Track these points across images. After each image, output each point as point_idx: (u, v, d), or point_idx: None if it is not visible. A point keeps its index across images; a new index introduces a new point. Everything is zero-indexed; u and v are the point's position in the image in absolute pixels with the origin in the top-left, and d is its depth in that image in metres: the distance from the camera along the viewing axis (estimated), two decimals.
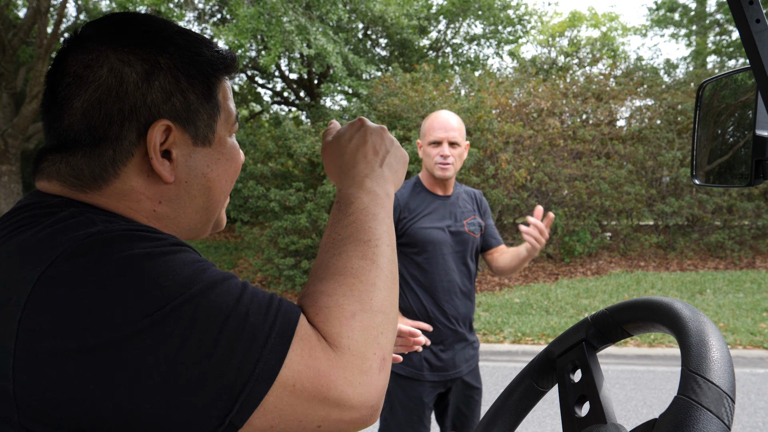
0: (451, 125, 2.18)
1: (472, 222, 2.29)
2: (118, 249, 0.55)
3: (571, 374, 0.77)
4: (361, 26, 14.18)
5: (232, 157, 0.73)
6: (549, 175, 9.41)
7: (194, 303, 0.53)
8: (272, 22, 9.06)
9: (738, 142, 0.90)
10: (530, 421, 3.71)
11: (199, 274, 0.56)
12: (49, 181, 0.66)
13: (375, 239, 0.68)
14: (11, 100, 10.69)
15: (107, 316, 0.51)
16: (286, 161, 9.49)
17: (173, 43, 0.66)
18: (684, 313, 0.61)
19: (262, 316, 0.56)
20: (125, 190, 0.65)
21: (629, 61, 12.90)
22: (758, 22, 0.71)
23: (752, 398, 4.16)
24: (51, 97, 0.66)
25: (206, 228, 0.75)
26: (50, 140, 0.66)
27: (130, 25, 0.67)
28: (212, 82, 0.69)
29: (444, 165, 2.18)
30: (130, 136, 0.64)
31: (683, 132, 9.91)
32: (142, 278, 0.53)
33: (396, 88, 10.10)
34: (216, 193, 0.72)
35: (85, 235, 0.56)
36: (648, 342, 5.75)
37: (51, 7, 11.08)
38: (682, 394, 0.52)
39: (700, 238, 9.70)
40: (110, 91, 0.63)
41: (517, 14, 15.71)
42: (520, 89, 10.63)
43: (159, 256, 0.56)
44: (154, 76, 0.64)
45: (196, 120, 0.68)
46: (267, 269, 9.10)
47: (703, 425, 0.48)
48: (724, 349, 0.55)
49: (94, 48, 0.64)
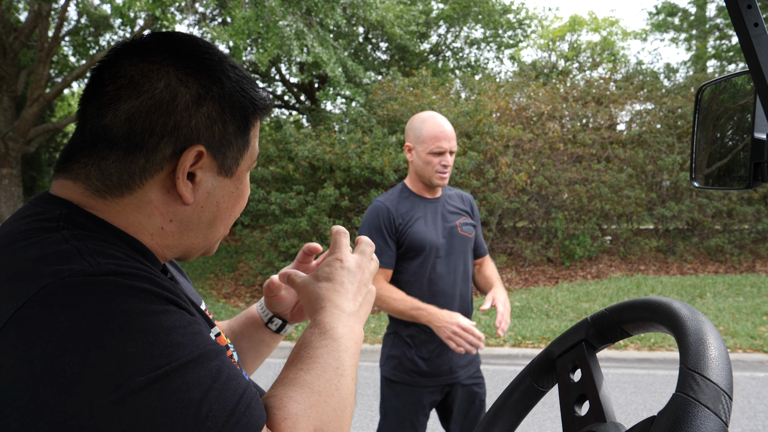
0: (451, 134, 2.16)
1: (465, 222, 2.28)
2: (94, 299, 0.53)
3: (571, 374, 0.78)
4: (362, 30, 14.22)
5: (243, 193, 0.76)
6: (549, 178, 9.41)
7: (158, 388, 0.51)
8: (270, 26, 9.08)
9: (737, 145, 0.91)
10: (530, 424, 3.71)
11: (175, 349, 0.54)
12: (75, 182, 0.67)
13: (342, 369, 0.69)
14: (12, 103, 10.71)
15: (64, 371, 0.49)
16: (286, 165, 9.50)
17: (227, 76, 0.70)
18: (682, 312, 0.62)
19: (221, 424, 0.54)
20: (144, 202, 0.67)
21: (629, 65, 12.93)
22: (756, 26, 0.71)
23: (752, 402, 4.16)
24: (96, 91, 0.67)
25: (197, 254, 0.77)
26: (83, 135, 0.67)
27: (193, 48, 0.69)
28: (250, 119, 0.72)
29: (444, 174, 2.17)
30: (165, 151, 0.66)
31: (683, 136, 9.92)
32: (111, 341, 0.51)
33: (395, 93, 10.12)
34: (219, 224, 0.75)
35: (68, 272, 0.54)
36: (648, 345, 5.75)
37: (52, 10, 11.11)
38: (680, 391, 0.52)
39: (700, 242, 9.70)
40: (161, 105, 0.65)
41: (517, 18, 15.76)
42: (520, 93, 10.65)
43: (137, 315, 0.54)
44: (203, 102, 0.67)
45: (226, 151, 0.70)
46: (267, 272, 9.09)
47: (700, 422, 0.49)
48: (721, 347, 0.55)
49: (156, 60, 0.66)
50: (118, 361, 0.51)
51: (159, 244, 0.70)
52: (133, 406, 0.50)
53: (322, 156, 8.90)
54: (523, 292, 8.42)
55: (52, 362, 0.49)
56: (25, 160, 12.29)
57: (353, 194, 9.05)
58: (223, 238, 0.79)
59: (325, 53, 9.67)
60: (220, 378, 0.56)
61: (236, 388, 0.57)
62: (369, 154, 8.70)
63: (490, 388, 2.41)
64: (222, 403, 0.55)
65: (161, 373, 0.52)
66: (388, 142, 8.86)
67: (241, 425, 0.55)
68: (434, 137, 2.13)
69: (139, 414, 0.50)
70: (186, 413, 0.52)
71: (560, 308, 7.25)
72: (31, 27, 10.70)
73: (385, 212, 2.18)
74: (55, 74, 13.87)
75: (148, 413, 0.50)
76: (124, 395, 0.50)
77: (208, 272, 10.63)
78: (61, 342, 0.50)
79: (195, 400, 0.53)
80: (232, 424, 0.54)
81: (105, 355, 0.50)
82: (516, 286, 8.78)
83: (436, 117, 2.18)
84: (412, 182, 2.25)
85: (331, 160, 8.87)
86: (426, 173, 2.18)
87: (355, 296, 0.79)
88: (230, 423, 0.54)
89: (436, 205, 2.25)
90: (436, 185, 2.19)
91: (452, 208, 2.28)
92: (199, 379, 0.54)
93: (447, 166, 2.16)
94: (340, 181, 8.98)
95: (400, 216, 2.18)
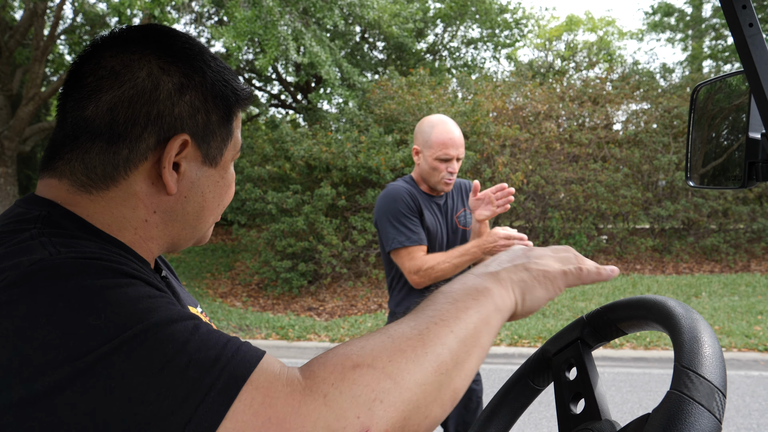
0: (459, 141, 2.14)
1: (462, 215, 2.28)
2: (54, 280, 0.51)
3: (566, 372, 0.78)
4: (359, 29, 14.21)
5: (229, 183, 0.76)
6: (545, 178, 9.43)
7: (127, 349, 0.48)
8: (268, 26, 9.08)
9: (732, 145, 0.91)
10: (526, 423, 3.72)
11: (144, 314, 0.51)
12: (60, 179, 0.66)
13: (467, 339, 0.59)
14: (7, 102, 10.68)
15: (28, 356, 0.47)
16: (283, 164, 9.50)
17: (208, 66, 0.70)
18: (677, 310, 0.62)
19: (206, 369, 0.49)
20: (129, 194, 0.66)
21: (626, 65, 12.94)
22: (751, 26, 0.72)
23: (747, 400, 4.18)
24: (76, 84, 0.66)
25: (188, 244, 0.76)
26: (64, 130, 0.67)
27: (174, 39, 0.69)
28: (232, 109, 0.72)
29: (450, 181, 2.16)
30: (149, 140, 0.65)
31: (679, 136, 9.95)
32: (71, 315, 0.49)
33: (392, 92, 10.12)
34: (206, 214, 0.74)
35: (28, 262, 0.53)
36: (644, 344, 5.77)
37: (48, 9, 11.06)
38: (674, 388, 0.53)
39: (695, 241, 9.73)
40: (143, 94, 0.64)
41: (514, 18, 15.76)
42: (516, 93, 10.66)
43: (98, 290, 0.51)
44: (186, 90, 0.67)
45: (210, 140, 0.70)
46: (264, 272, 9.08)
47: (694, 419, 0.49)
48: (716, 345, 0.56)
49: (137, 50, 0.66)
50: (80, 336, 0.48)
51: (143, 237, 0.69)
52: (103, 373, 0.47)
53: (318, 155, 8.89)
54: None
55: (15, 350, 0.48)
56: (21, 159, 12.25)
57: (350, 193, 9.05)
58: (220, 237, 0.78)
59: (322, 52, 9.67)
60: (197, 332, 0.52)
61: (219, 338, 0.53)
62: (365, 153, 8.70)
63: (486, 386, 2.42)
64: (204, 351, 0.50)
65: (129, 335, 0.49)
66: (385, 141, 8.86)
67: (231, 367, 0.50)
68: (442, 144, 2.11)
69: (111, 379, 0.47)
70: (163, 368, 0.48)
71: (556, 307, 7.27)
72: (26, 25, 10.66)
73: (407, 195, 2.16)
74: (51, 73, 13.83)
75: (121, 376, 0.47)
76: (92, 363, 0.47)
77: (205, 272, 10.61)
78: (21, 328, 0.48)
79: (170, 353, 0.49)
80: (219, 368, 0.49)
81: (66, 332, 0.48)
82: None
83: (446, 123, 2.15)
84: (419, 181, 2.25)
85: (328, 160, 8.86)
86: (432, 179, 2.17)
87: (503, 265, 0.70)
88: (217, 367, 0.49)
89: (439, 202, 2.26)
90: (441, 190, 2.20)
91: (451, 204, 2.29)
92: (174, 335, 0.50)
93: (453, 173, 2.15)
94: (336, 181, 8.98)
95: (415, 203, 2.17)
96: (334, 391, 0.51)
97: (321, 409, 0.50)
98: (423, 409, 0.55)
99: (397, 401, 0.53)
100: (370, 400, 0.52)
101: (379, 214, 2.18)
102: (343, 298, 8.59)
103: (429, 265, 2.04)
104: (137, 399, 0.47)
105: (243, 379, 0.50)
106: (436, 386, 0.56)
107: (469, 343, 0.60)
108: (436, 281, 2.05)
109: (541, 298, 0.68)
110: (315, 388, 0.51)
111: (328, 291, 8.86)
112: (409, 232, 2.10)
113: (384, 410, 0.52)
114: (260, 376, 0.51)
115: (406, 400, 0.54)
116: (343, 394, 0.51)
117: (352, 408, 0.51)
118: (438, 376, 0.56)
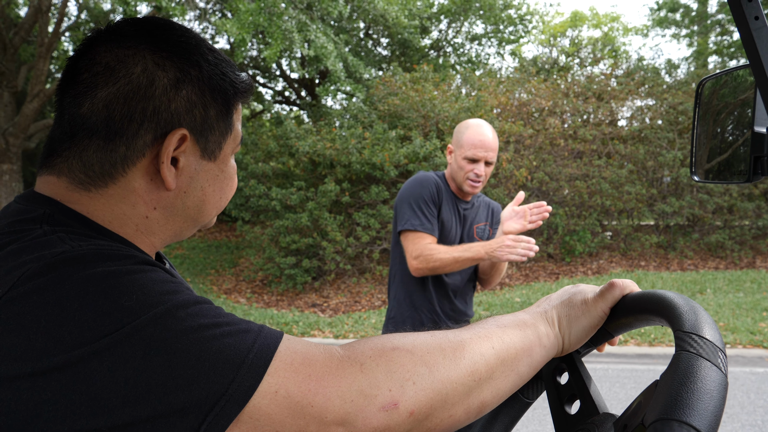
0: (491, 145, 2.13)
1: (482, 228, 2.28)
2: (81, 268, 0.53)
3: (558, 377, 0.78)
4: (363, 25, 14.19)
5: (230, 176, 0.76)
6: (550, 174, 9.41)
7: (160, 323, 0.51)
8: (273, 18, 9.07)
9: (737, 140, 0.91)
10: (530, 419, 3.72)
11: (168, 294, 0.54)
12: (58, 176, 0.66)
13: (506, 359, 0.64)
14: (12, 99, 10.71)
15: (63, 337, 0.49)
16: (287, 160, 9.51)
17: (205, 59, 0.69)
18: (668, 294, 0.63)
19: (240, 336, 0.53)
20: (128, 191, 0.66)
21: (630, 61, 12.90)
22: (757, 19, 0.71)
23: (752, 397, 4.17)
24: (72, 81, 0.66)
25: (190, 233, 0.77)
26: (62, 126, 0.66)
27: (169, 32, 0.68)
28: (231, 102, 0.72)
29: (475, 183, 2.15)
30: (146, 137, 0.65)
31: (684, 132, 9.91)
32: (103, 297, 0.52)
33: (396, 88, 10.11)
34: (208, 208, 0.74)
35: (51, 255, 0.54)
36: (648, 341, 5.76)
37: (52, 5, 11.09)
38: (681, 349, 0.55)
39: (700, 237, 9.70)
40: (139, 90, 0.64)
41: (518, 14, 15.71)
42: (520, 89, 10.63)
43: (124, 274, 0.54)
44: (182, 85, 0.66)
45: (209, 134, 0.70)
46: (268, 268, 9.11)
47: (705, 372, 0.52)
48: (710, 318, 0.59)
49: (131, 45, 0.65)
50: (115, 315, 0.51)
51: (144, 233, 0.69)
52: (140, 342, 0.50)
53: (322, 151, 8.90)
54: (524, 288, 8.43)
55: (48, 334, 0.49)
56: (26, 156, 12.29)
57: (354, 190, 9.05)
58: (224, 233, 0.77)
59: (329, 43, 9.65)
60: (222, 312, 0.56)
61: (241, 318, 0.57)
62: (369, 149, 8.70)
63: None
64: (234, 325, 0.55)
65: (161, 311, 0.52)
66: (389, 137, 8.86)
67: (263, 336, 0.55)
68: (472, 144, 2.12)
69: (149, 347, 0.50)
70: (199, 336, 0.52)
71: None
72: (31, 22, 10.68)
73: (434, 184, 2.17)
74: (56, 70, 13.86)
75: (158, 345, 0.50)
76: (128, 335, 0.50)
77: (209, 268, 10.64)
78: (53, 314, 0.50)
79: (204, 324, 0.53)
80: (253, 337, 0.54)
81: (100, 313, 0.51)
82: (516, 282, 8.79)
83: (482, 126, 2.16)
84: (450, 181, 2.25)
85: (332, 156, 8.87)
86: (458, 177, 2.17)
87: (551, 302, 0.75)
88: (250, 335, 0.54)
89: (464, 208, 2.25)
90: (466, 192, 2.18)
91: (475, 215, 2.29)
92: (203, 310, 0.54)
93: (479, 176, 2.13)
94: (340, 177, 8.99)
95: (439, 195, 2.18)
96: (372, 363, 0.56)
97: (357, 374, 0.55)
98: (449, 407, 0.59)
99: (428, 388, 0.57)
100: (404, 378, 0.56)
101: (402, 195, 2.20)
102: (347, 294, 8.61)
103: (429, 251, 2.06)
104: (177, 363, 0.50)
105: (277, 341, 0.55)
106: (466, 389, 0.60)
107: (507, 364, 0.64)
108: (434, 271, 2.07)
109: (587, 326, 0.72)
110: (354, 358, 0.56)
111: (332, 287, 8.88)
112: (424, 218, 2.11)
113: (414, 391, 0.56)
114: (292, 341, 0.56)
115: (436, 390, 0.57)
116: (380, 367, 0.56)
117: (386, 381, 0.55)
118: (470, 380, 0.60)
